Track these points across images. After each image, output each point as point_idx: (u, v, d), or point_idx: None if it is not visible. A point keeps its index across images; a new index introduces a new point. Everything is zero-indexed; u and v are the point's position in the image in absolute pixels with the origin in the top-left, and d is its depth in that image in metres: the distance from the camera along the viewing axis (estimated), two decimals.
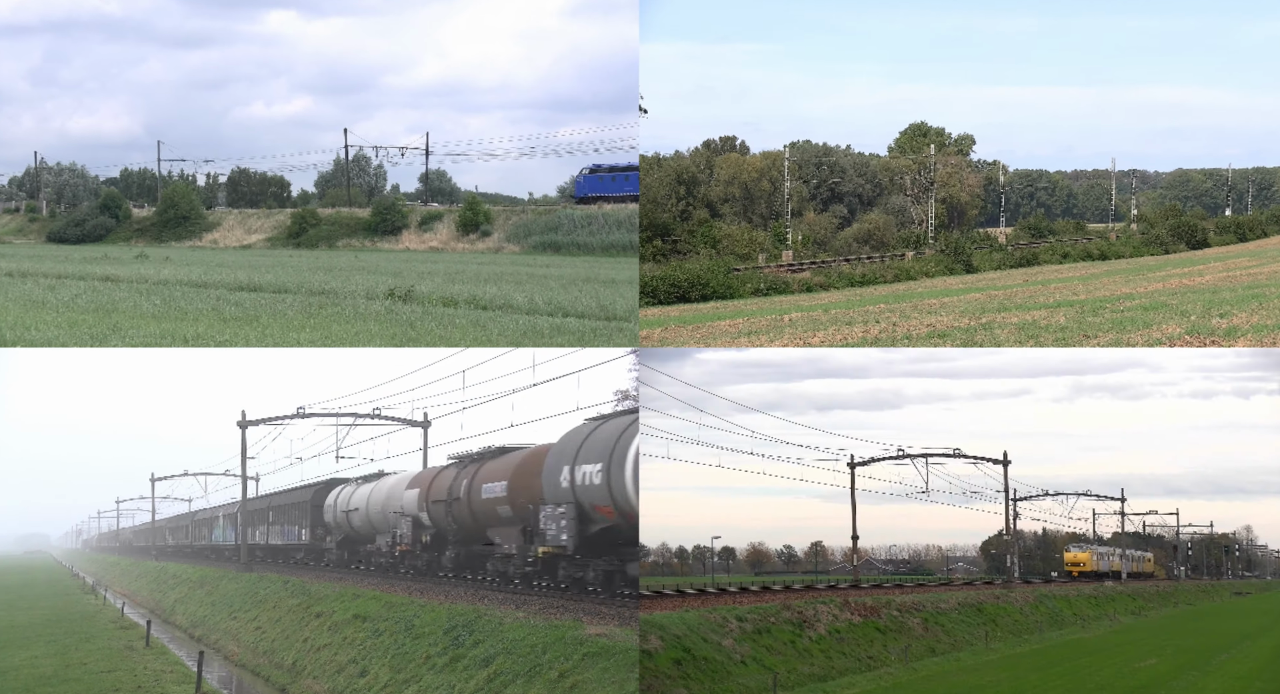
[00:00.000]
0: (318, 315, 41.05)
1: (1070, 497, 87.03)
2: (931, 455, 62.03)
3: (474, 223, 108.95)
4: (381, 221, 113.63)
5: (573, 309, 44.40)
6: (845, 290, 72.24)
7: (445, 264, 79.60)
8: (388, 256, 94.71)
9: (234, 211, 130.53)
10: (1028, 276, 73.77)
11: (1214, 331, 30.90)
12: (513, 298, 47.14)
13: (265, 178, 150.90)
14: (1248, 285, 48.16)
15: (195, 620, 49.85)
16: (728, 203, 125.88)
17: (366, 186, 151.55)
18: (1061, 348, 32.41)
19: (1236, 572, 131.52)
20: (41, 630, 43.41)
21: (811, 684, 28.83)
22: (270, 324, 38.50)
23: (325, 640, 33.52)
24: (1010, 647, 40.65)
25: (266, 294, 49.54)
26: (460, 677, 24.72)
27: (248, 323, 38.88)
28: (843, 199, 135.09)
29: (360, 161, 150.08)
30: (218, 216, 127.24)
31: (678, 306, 63.99)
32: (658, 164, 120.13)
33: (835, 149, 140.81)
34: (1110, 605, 60.74)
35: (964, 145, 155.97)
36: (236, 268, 66.51)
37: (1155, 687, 29.91)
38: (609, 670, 21.32)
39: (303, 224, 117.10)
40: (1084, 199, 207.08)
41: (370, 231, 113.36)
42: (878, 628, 36.02)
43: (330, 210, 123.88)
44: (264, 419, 61.25)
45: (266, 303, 44.51)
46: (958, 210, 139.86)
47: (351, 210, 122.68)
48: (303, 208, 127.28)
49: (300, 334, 36.27)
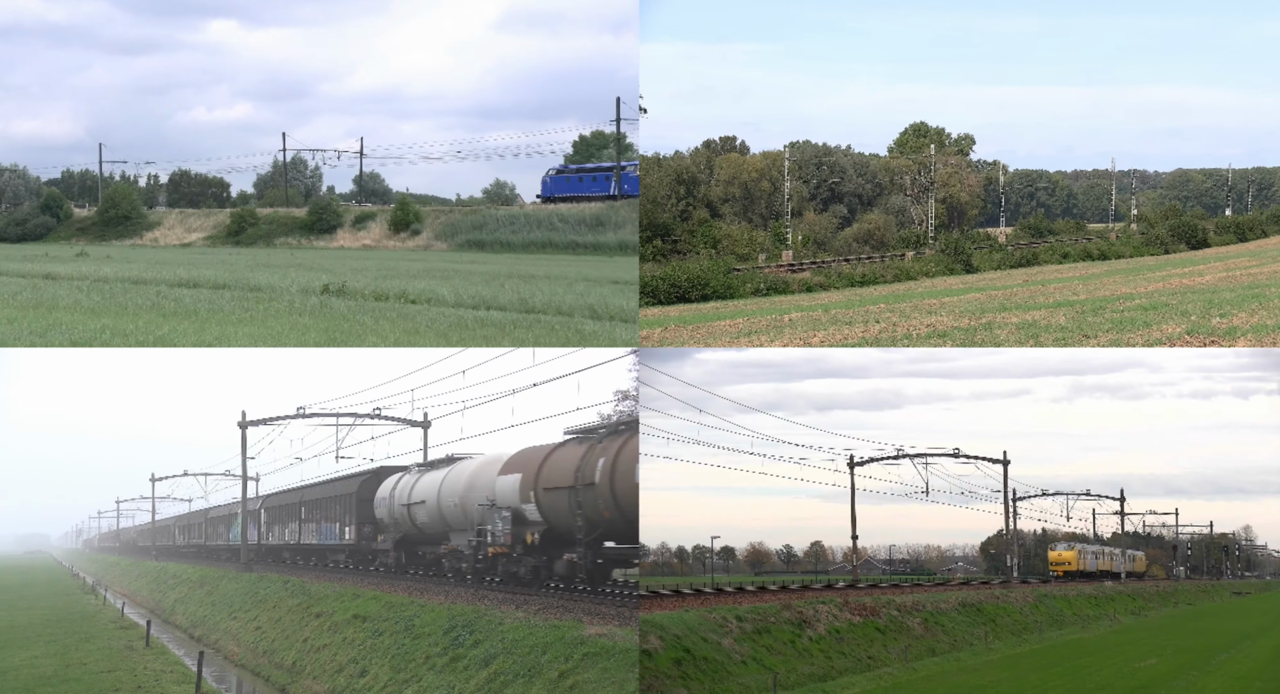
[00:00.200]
0: (255, 310, 42.19)
1: (1070, 497, 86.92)
2: (931, 455, 62.06)
3: (405, 222, 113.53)
4: (317, 221, 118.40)
5: (495, 303, 46.11)
6: (845, 290, 72.25)
7: (377, 261, 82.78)
8: (323, 254, 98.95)
9: (174, 211, 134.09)
10: (1028, 276, 73.77)
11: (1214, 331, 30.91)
12: (440, 292, 48.89)
13: (205, 179, 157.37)
14: (1248, 285, 48.16)
15: (195, 620, 49.88)
16: (728, 203, 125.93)
17: (304, 188, 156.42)
18: (1061, 348, 32.42)
19: (1236, 572, 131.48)
20: (41, 630, 43.41)
21: (811, 684, 28.83)
22: (208, 319, 39.22)
23: (325, 640, 33.53)
24: (1010, 647, 40.65)
25: (205, 290, 50.35)
26: (460, 677, 24.73)
27: (186, 318, 39.47)
28: (843, 199, 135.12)
29: (298, 164, 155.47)
30: (158, 216, 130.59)
31: (678, 306, 64.03)
32: (658, 164, 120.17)
33: (835, 149, 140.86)
34: (1110, 605, 60.74)
35: (964, 145, 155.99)
36: (176, 265, 67.49)
37: (1155, 687, 29.91)
38: (609, 670, 21.33)
39: (241, 223, 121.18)
40: (1084, 199, 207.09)
41: (306, 230, 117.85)
42: (877, 628, 36.02)
43: (268, 210, 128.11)
44: (264, 419, 61.30)
45: (205, 298, 45.33)
46: (958, 210, 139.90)
47: (289, 210, 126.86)
48: (242, 208, 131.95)
49: (238, 328, 37.21)
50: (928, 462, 61.77)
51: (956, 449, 62.72)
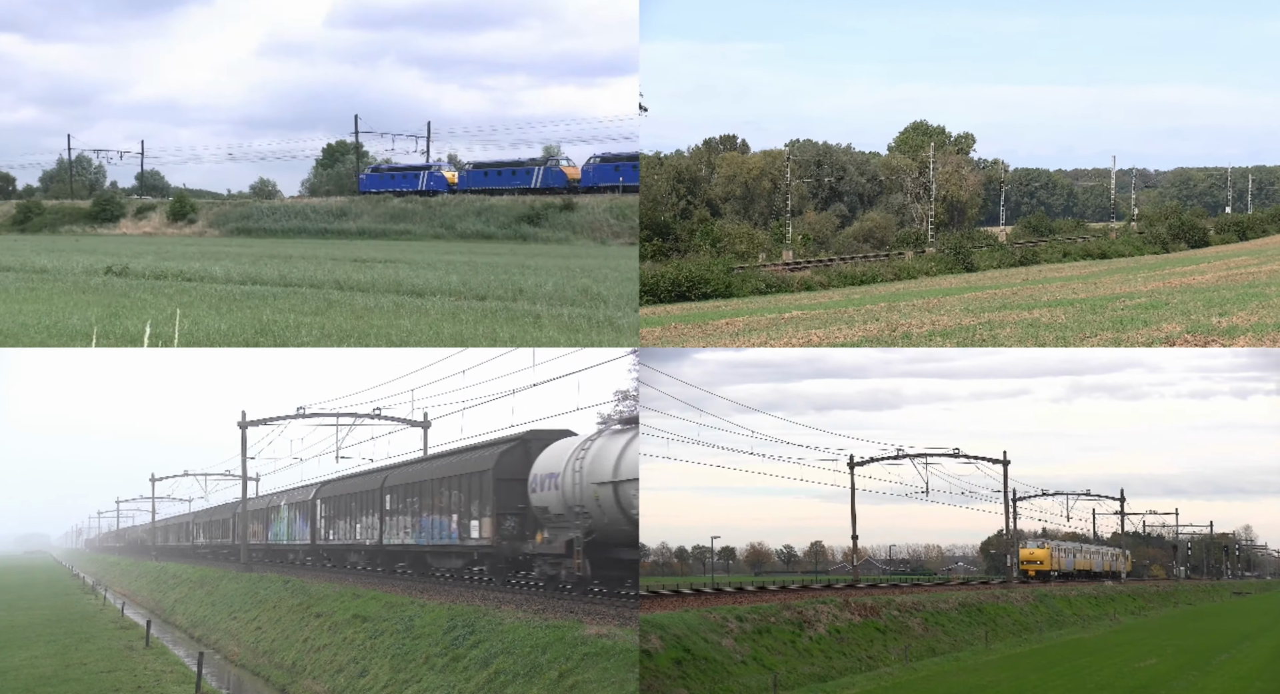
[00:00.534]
0: (40, 289, 46.31)
1: (1070, 497, 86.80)
2: (931, 455, 62.02)
3: (182, 213, 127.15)
4: (101, 211, 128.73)
5: (259, 279, 53.57)
6: (845, 289, 72.24)
7: (157, 246, 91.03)
8: (106, 240, 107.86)
9: None
10: (1028, 276, 73.75)
11: (1214, 330, 30.91)
12: (212, 271, 56.44)
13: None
14: (1248, 284, 48.15)
15: (195, 620, 49.85)
16: (728, 202, 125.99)
17: (88, 183, 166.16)
18: (1060, 348, 32.40)
19: (1236, 572, 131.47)
20: (41, 630, 43.39)
21: (811, 684, 28.82)
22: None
23: (325, 640, 33.51)
24: (1010, 647, 40.64)
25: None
26: (460, 677, 24.72)
27: None
28: (843, 198, 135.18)
29: (82, 162, 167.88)
30: None
31: (678, 305, 64.04)
32: (658, 163, 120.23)
33: (835, 148, 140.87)
34: (1110, 605, 60.74)
35: (964, 144, 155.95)
36: None
37: (1155, 687, 29.89)
38: (609, 670, 21.32)
39: (27, 213, 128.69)
40: (1084, 198, 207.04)
41: (91, 219, 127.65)
42: (878, 628, 36.01)
43: (54, 202, 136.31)
44: (264, 419, 61.27)
45: None
46: (958, 209, 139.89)
47: (74, 202, 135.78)
48: (28, 199, 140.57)
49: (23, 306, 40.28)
50: (928, 462, 61.71)
51: (956, 449, 62.67)
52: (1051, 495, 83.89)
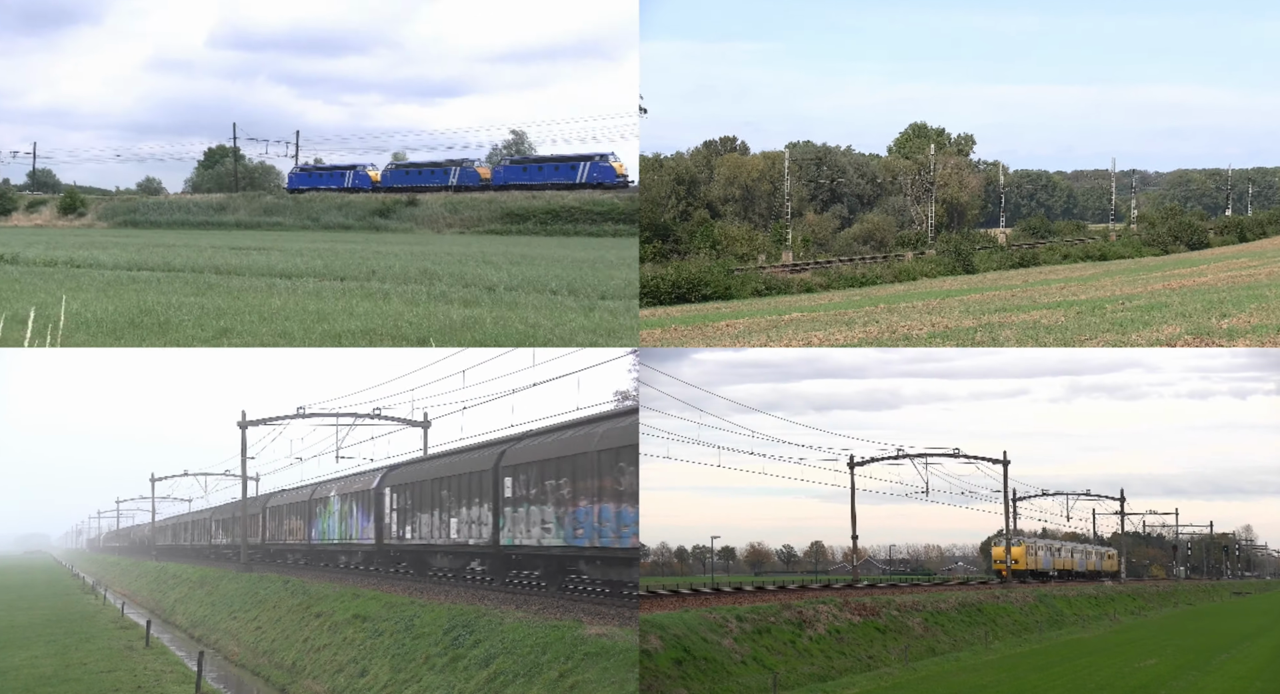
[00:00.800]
0: None
1: (1070, 497, 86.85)
2: (931, 455, 62.05)
3: (72, 207, 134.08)
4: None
5: (144, 265, 57.78)
6: (845, 291, 72.27)
7: (48, 237, 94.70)
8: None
9: None
10: (1028, 277, 73.77)
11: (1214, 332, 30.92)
12: (100, 258, 60.83)
13: None
14: (1248, 286, 48.16)
15: (195, 620, 49.85)
16: (728, 203, 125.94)
17: None
18: (1060, 348, 32.42)
19: (1236, 572, 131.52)
20: (41, 630, 43.40)
21: (811, 684, 28.83)
22: None
23: (325, 640, 33.52)
24: (1010, 647, 40.64)
25: None
26: (460, 677, 24.73)
27: None
28: (843, 199, 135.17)
29: None
30: None
31: (678, 307, 64.08)
32: (658, 164, 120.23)
33: (835, 149, 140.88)
34: (1110, 605, 60.77)
35: (964, 145, 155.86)
36: None
37: (1155, 687, 29.89)
38: (609, 670, 21.33)
39: None
40: (1084, 199, 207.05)
41: None
42: (877, 628, 36.03)
43: None
44: (264, 419, 61.29)
45: None
46: (958, 211, 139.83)
47: None
48: None
49: None
50: (928, 462, 61.77)
51: (956, 449, 62.74)
52: (1051, 495, 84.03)
